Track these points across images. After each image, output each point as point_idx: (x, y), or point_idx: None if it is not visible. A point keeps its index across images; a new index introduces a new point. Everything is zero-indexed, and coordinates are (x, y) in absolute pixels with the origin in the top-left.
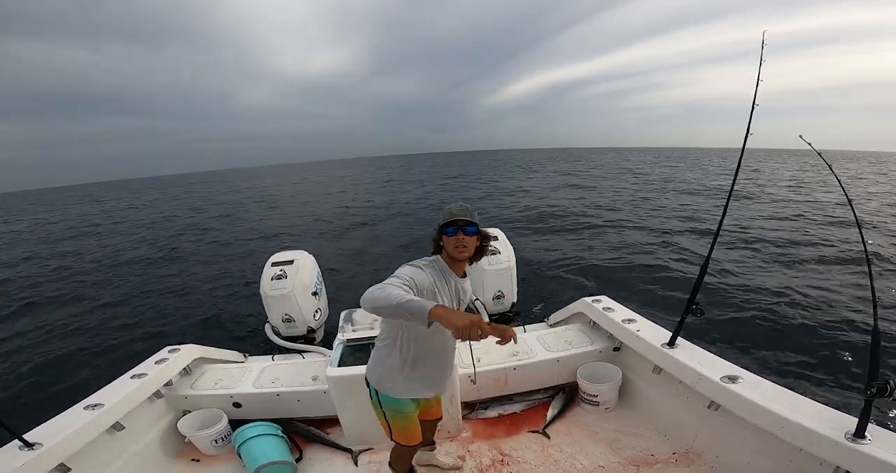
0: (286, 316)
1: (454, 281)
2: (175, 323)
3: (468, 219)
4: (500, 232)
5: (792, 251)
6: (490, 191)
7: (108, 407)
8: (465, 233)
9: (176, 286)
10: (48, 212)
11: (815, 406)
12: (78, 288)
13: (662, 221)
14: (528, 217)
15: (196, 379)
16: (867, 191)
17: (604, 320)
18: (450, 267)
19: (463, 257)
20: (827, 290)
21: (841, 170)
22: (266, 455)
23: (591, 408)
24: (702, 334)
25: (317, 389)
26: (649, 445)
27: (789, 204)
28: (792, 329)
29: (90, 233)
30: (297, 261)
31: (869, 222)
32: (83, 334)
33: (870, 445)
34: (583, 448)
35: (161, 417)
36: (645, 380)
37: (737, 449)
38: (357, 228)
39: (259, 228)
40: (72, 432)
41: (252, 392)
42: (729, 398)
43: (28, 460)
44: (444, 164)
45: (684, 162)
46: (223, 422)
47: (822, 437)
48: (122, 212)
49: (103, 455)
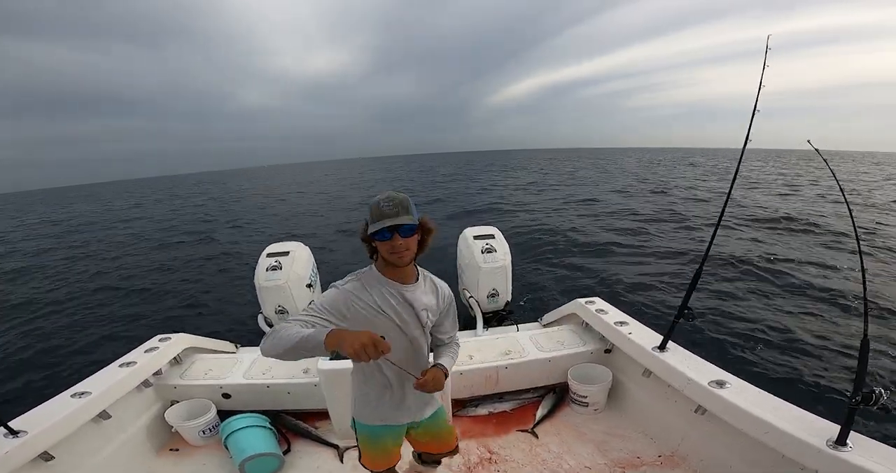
0: (280, 308)
1: (397, 290)
2: (166, 312)
3: (401, 222)
4: (496, 230)
5: (788, 256)
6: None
7: (95, 396)
8: (402, 235)
9: (172, 275)
10: (51, 211)
11: (799, 413)
12: (71, 276)
13: (662, 222)
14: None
15: (186, 369)
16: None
17: (596, 322)
18: (388, 276)
19: (404, 262)
20: (819, 299)
21: (851, 174)
22: (253, 447)
23: (580, 409)
24: (692, 338)
25: (307, 382)
26: (636, 447)
27: (780, 210)
28: (781, 336)
29: (89, 232)
30: (293, 253)
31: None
32: (72, 322)
33: (850, 452)
34: (570, 448)
35: (149, 407)
36: (634, 383)
37: (721, 453)
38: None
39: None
40: (57, 420)
41: (242, 383)
42: (716, 402)
43: (12, 447)
44: (464, 163)
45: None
46: (211, 413)
47: (804, 443)
48: (127, 210)
49: (89, 443)
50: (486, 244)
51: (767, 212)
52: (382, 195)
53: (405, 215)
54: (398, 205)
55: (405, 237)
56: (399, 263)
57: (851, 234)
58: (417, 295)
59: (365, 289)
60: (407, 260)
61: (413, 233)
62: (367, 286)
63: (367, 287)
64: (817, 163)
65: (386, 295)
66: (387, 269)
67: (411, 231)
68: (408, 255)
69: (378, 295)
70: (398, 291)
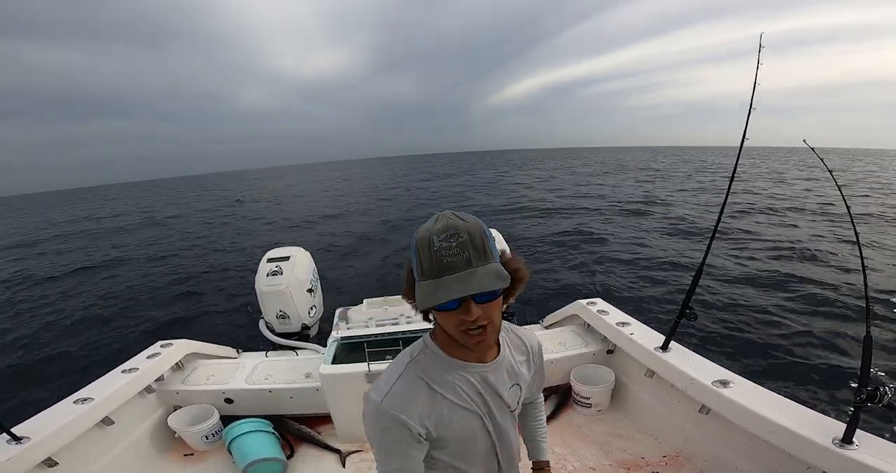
0: (281, 313)
1: (478, 373)
2: (168, 317)
3: (481, 287)
4: (497, 233)
5: (787, 256)
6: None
7: (98, 402)
8: (478, 303)
9: (173, 281)
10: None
11: (804, 412)
12: (74, 281)
13: (662, 224)
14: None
15: (188, 375)
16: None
17: (598, 322)
18: (459, 357)
19: (486, 346)
20: (821, 297)
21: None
22: (257, 451)
23: (583, 410)
24: (695, 338)
25: (310, 386)
26: (640, 448)
27: (785, 210)
28: (785, 334)
29: (90, 234)
30: (294, 258)
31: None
32: (73, 327)
33: (857, 450)
34: (574, 449)
35: (151, 412)
36: (637, 383)
37: (726, 453)
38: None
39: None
40: (60, 426)
41: (244, 388)
42: (720, 402)
43: (15, 453)
44: (480, 161)
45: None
46: (214, 418)
47: (810, 442)
48: (130, 216)
49: (92, 449)
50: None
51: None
52: (437, 226)
53: (480, 265)
54: (466, 247)
55: (483, 303)
56: (476, 349)
57: (852, 233)
58: (502, 373)
59: (431, 389)
60: (490, 341)
61: (496, 295)
62: (431, 380)
63: (431, 382)
64: (815, 163)
65: (463, 385)
66: (454, 348)
67: (494, 295)
68: (491, 331)
69: (452, 389)
70: (479, 375)
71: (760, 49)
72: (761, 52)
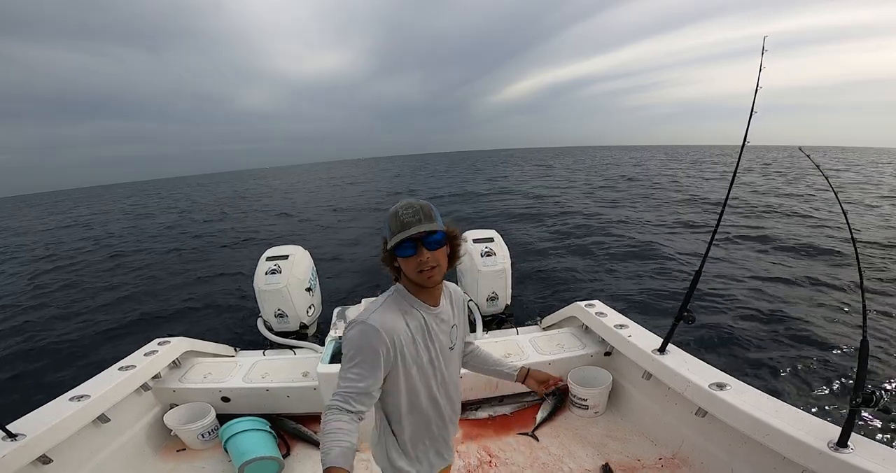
0: (279, 311)
1: (433, 315)
2: (166, 315)
3: (427, 229)
4: (495, 233)
5: (785, 260)
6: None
7: (94, 399)
8: (428, 248)
9: (171, 278)
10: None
11: (800, 415)
12: (73, 278)
13: (662, 225)
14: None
15: (185, 372)
16: None
17: (596, 324)
18: (417, 296)
19: (434, 282)
20: (818, 301)
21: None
22: (253, 450)
23: (580, 412)
24: (693, 341)
25: (307, 385)
26: (636, 450)
27: (784, 214)
28: (782, 337)
29: (90, 234)
30: (292, 256)
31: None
32: (70, 324)
33: (851, 454)
34: (571, 451)
35: (148, 410)
36: (634, 385)
37: (722, 456)
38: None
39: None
40: (56, 423)
41: (241, 386)
42: (716, 405)
43: (10, 450)
44: (480, 161)
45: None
46: (211, 416)
47: (806, 445)
48: (133, 219)
49: (87, 446)
50: (485, 247)
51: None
52: (400, 204)
53: (429, 223)
54: (419, 212)
55: (432, 250)
56: (428, 284)
57: (849, 234)
58: (442, 316)
59: (402, 318)
60: (438, 279)
61: (441, 244)
62: (403, 312)
63: (404, 314)
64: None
65: (421, 320)
66: (417, 290)
67: (439, 243)
68: (438, 272)
69: (415, 320)
70: (431, 314)
71: (763, 52)
72: (764, 56)
